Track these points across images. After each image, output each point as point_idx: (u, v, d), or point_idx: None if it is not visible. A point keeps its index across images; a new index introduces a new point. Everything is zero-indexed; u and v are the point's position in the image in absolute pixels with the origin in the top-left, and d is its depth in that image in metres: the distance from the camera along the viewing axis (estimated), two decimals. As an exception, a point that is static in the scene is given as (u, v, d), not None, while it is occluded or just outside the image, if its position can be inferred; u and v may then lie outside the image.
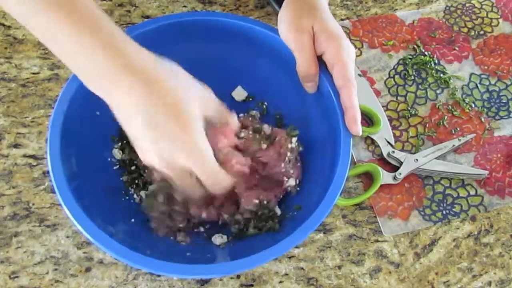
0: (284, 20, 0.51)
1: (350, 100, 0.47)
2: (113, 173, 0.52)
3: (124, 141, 0.53)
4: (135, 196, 0.52)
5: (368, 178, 0.60)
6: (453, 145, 0.61)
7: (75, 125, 0.47)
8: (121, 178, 0.53)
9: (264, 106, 0.58)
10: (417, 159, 0.60)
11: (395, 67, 0.68)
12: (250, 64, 0.56)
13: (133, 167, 0.53)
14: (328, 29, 0.48)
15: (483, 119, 0.65)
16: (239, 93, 0.58)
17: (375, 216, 0.58)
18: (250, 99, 0.59)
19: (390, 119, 0.64)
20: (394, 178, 0.59)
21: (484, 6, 0.75)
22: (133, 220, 0.49)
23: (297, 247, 0.55)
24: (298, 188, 0.52)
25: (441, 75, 0.68)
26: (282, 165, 0.50)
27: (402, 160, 0.59)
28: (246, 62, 0.56)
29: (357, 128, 0.47)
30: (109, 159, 0.53)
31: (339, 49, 0.48)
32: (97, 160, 0.51)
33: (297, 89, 0.52)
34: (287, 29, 0.50)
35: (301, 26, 0.49)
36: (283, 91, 0.56)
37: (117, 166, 0.53)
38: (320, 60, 0.50)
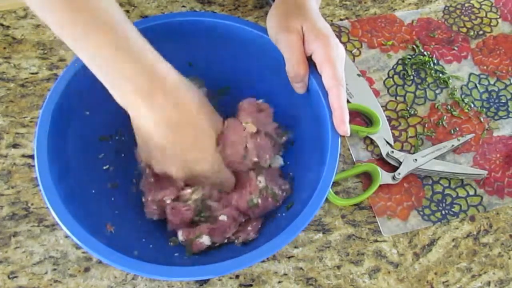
0: (273, 20, 0.50)
1: (338, 100, 0.47)
2: (102, 173, 0.52)
3: None
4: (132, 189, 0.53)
5: (367, 178, 0.60)
6: (452, 145, 0.61)
7: (63, 125, 0.47)
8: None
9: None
10: (416, 159, 0.60)
11: (394, 67, 0.68)
12: (242, 64, 0.56)
13: None
14: (316, 29, 0.48)
15: (482, 119, 0.65)
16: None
17: (374, 216, 0.58)
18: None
19: (389, 119, 0.64)
20: (393, 178, 0.59)
21: (483, 6, 0.75)
22: (121, 220, 0.49)
23: (296, 247, 0.55)
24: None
25: (440, 75, 0.68)
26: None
27: (401, 160, 0.59)
28: (237, 62, 0.56)
29: (345, 128, 0.47)
30: (98, 159, 0.53)
31: (327, 49, 0.47)
32: (86, 160, 0.50)
33: (287, 89, 0.52)
34: (276, 29, 0.50)
35: (290, 26, 0.48)
36: (275, 91, 0.56)
37: (107, 166, 0.53)
38: (310, 61, 0.50)
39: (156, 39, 0.49)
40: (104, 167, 0.52)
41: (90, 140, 0.51)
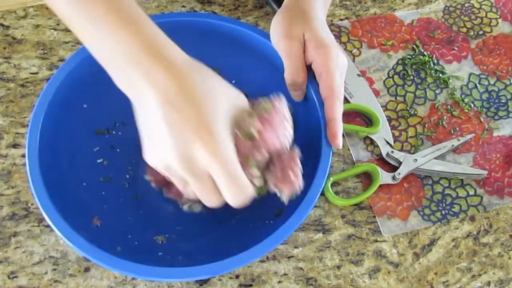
0: (276, 26, 0.50)
1: (332, 112, 0.47)
2: (96, 167, 0.52)
3: None
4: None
5: (367, 178, 0.60)
6: (452, 145, 0.61)
7: (58, 116, 0.47)
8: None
9: None
10: (416, 159, 0.60)
11: (394, 67, 0.68)
12: (241, 66, 0.56)
13: None
14: (318, 38, 0.48)
15: (482, 119, 0.65)
16: None
17: (374, 216, 0.58)
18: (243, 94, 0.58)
19: (389, 119, 0.64)
20: (393, 178, 0.59)
21: (483, 6, 0.75)
22: (109, 214, 0.49)
23: (296, 247, 0.55)
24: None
25: (440, 75, 0.68)
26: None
27: (401, 160, 0.59)
28: (237, 64, 0.56)
29: (338, 141, 0.47)
30: (92, 152, 0.53)
31: (327, 59, 0.47)
32: (80, 152, 0.50)
33: (286, 93, 0.52)
34: (278, 35, 0.49)
35: (292, 33, 0.48)
36: (273, 94, 0.55)
37: (101, 160, 0.53)
38: (310, 69, 0.49)
39: None
40: (98, 161, 0.52)
41: (86, 133, 0.51)
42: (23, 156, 0.57)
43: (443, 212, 0.59)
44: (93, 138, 0.52)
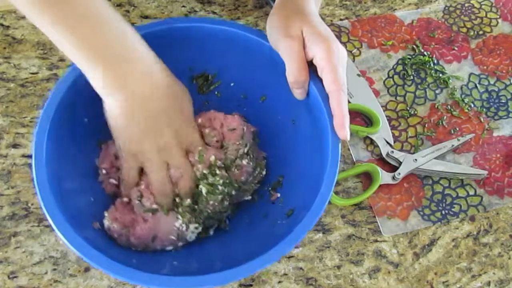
0: (273, 25, 0.50)
1: (338, 105, 0.47)
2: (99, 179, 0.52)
3: None
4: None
5: (367, 178, 0.60)
6: (452, 145, 0.61)
7: (62, 129, 0.47)
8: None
9: (261, 101, 0.58)
10: (416, 159, 0.60)
11: (394, 67, 0.68)
12: (242, 68, 0.56)
13: None
14: (317, 33, 0.47)
15: (482, 119, 0.65)
16: None
17: (374, 216, 0.58)
18: (242, 96, 0.58)
19: (389, 119, 0.64)
20: (393, 178, 0.59)
21: (483, 6, 0.75)
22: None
23: (296, 247, 0.55)
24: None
25: (440, 75, 0.68)
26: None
27: (401, 160, 0.60)
28: (238, 66, 0.55)
29: (345, 132, 0.46)
30: (95, 165, 0.52)
31: (328, 53, 0.47)
32: (83, 165, 0.50)
33: (287, 91, 0.52)
34: (276, 35, 0.49)
35: (290, 31, 0.48)
36: (274, 93, 0.55)
37: (104, 171, 0.52)
38: (311, 65, 0.49)
39: (158, 44, 0.49)
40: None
41: (88, 146, 0.51)
42: (23, 156, 0.57)
43: (443, 212, 0.59)
44: (95, 150, 0.52)
